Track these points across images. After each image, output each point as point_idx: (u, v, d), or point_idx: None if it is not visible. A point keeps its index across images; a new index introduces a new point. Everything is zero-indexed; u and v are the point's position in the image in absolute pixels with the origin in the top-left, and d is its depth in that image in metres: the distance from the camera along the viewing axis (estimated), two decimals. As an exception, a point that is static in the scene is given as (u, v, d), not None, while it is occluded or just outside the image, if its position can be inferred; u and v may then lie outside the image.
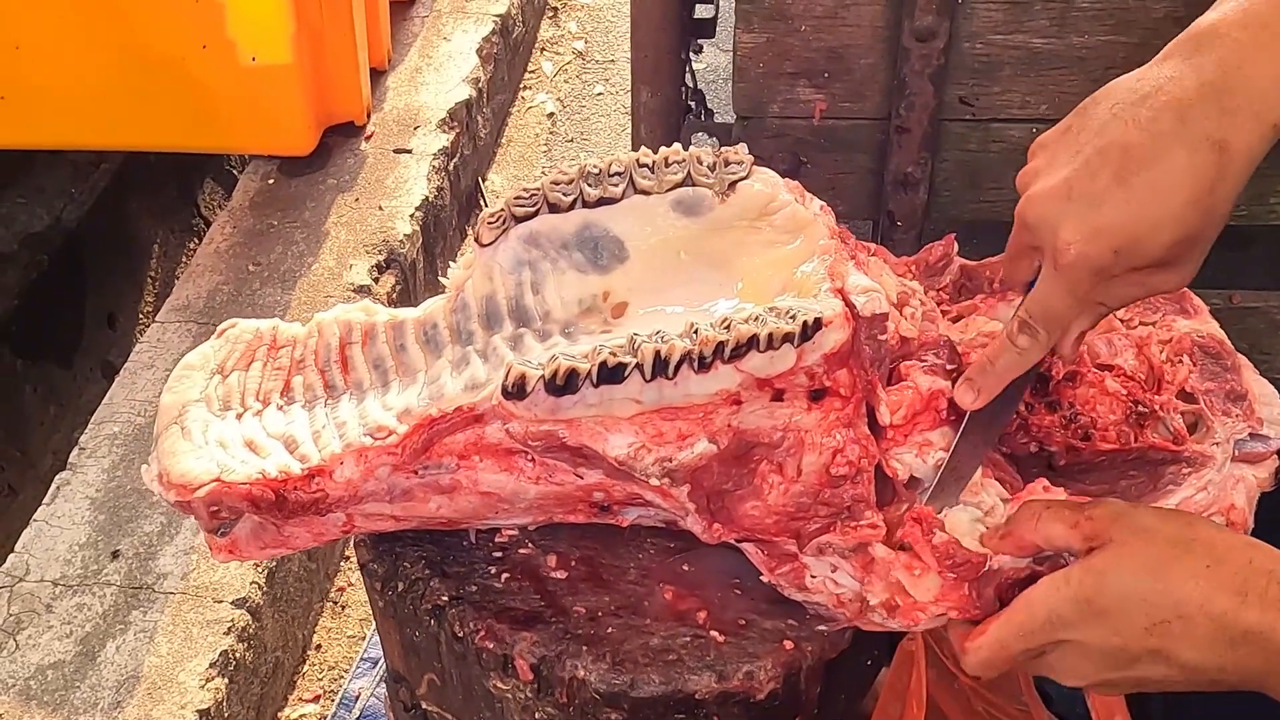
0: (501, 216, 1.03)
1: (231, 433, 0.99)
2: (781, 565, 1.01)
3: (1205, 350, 1.14)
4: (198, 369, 1.05)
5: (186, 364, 1.05)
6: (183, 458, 0.96)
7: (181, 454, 0.97)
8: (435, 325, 1.03)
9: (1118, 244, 0.86)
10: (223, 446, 0.97)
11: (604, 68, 3.65)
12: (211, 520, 0.98)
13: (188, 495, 0.95)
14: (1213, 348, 1.14)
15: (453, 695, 1.12)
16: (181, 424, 0.99)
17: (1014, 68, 1.56)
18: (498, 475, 0.98)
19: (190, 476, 0.95)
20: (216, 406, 1.01)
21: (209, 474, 0.95)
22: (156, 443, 0.99)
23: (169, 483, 0.96)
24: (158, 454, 0.98)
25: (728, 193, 1.01)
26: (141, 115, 2.51)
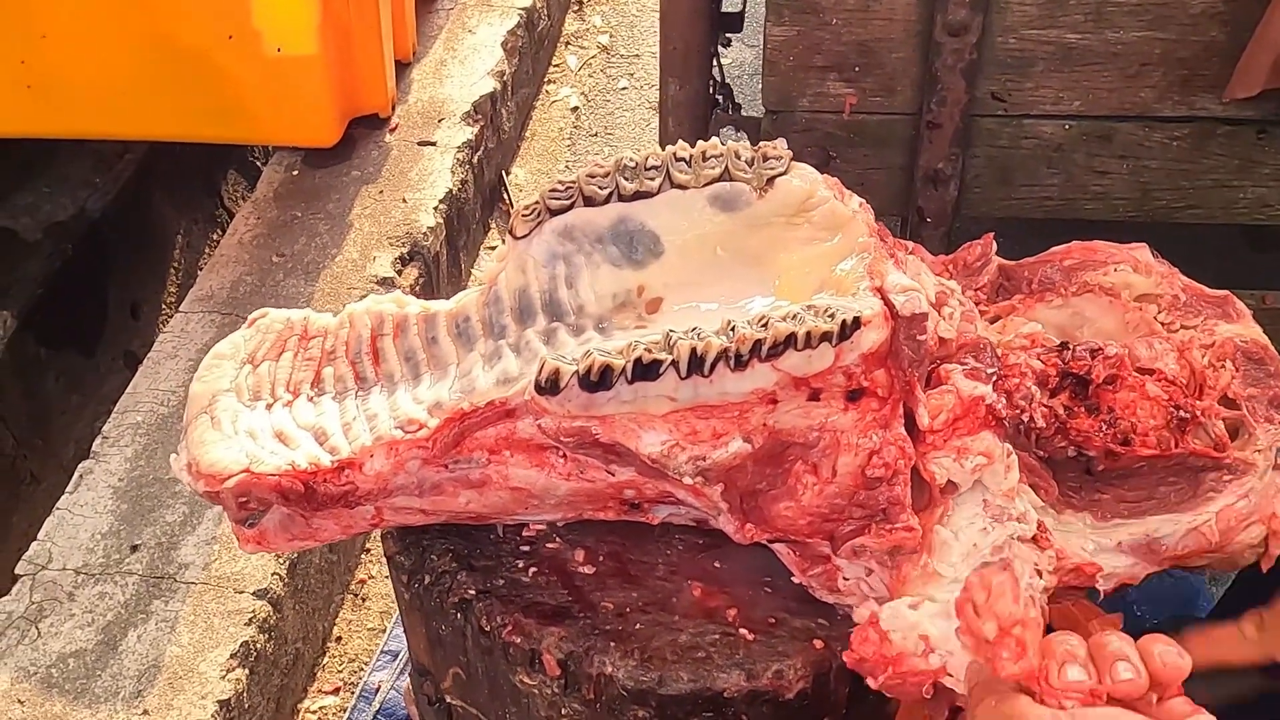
0: (536, 209, 1.02)
1: (261, 423, 0.98)
2: (814, 567, 1.00)
3: (1248, 355, 1.12)
4: (228, 358, 1.04)
5: (217, 353, 1.04)
6: (212, 447, 0.96)
7: (211, 444, 0.96)
8: (468, 318, 1.02)
9: None
10: (252, 437, 0.97)
11: (628, 62, 3.64)
12: (240, 511, 0.98)
13: (216, 485, 0.94)
14: (1256, 353, 1.12)
15: (478, 689, 1.12)
16: (211, 413, 0.99)
17: (1048, 63, 1.55)
18: (528, 471, 0.98)
19: (219, 467, 0.95)
20: (246, 396, 1.01)
21: (238, 464, 0.94)
22: (186, 432, 0.99)
23: (198, 472, 0.95)
24: (187, 443, 0.98)
25: (766, 188, 1.00)
26: (166, 105, 2.51)
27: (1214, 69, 1.54)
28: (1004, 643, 0.82)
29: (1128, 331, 1.16)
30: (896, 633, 0.87)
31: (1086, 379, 1.06)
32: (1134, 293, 1.19)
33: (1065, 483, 1.07)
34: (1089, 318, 1.18)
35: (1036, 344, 1.10)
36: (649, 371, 0.88)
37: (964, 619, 0.84)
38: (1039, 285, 1.21)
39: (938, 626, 0.86)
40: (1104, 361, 1.06)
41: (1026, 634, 0.82)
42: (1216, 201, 1.65)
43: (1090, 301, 1.19)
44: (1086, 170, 1.64)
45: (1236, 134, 1.59)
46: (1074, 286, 1.20)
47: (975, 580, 0.85)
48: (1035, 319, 1.16)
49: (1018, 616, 0.83)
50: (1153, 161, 1.62)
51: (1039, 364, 1.06)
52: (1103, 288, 1.19)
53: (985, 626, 0.83)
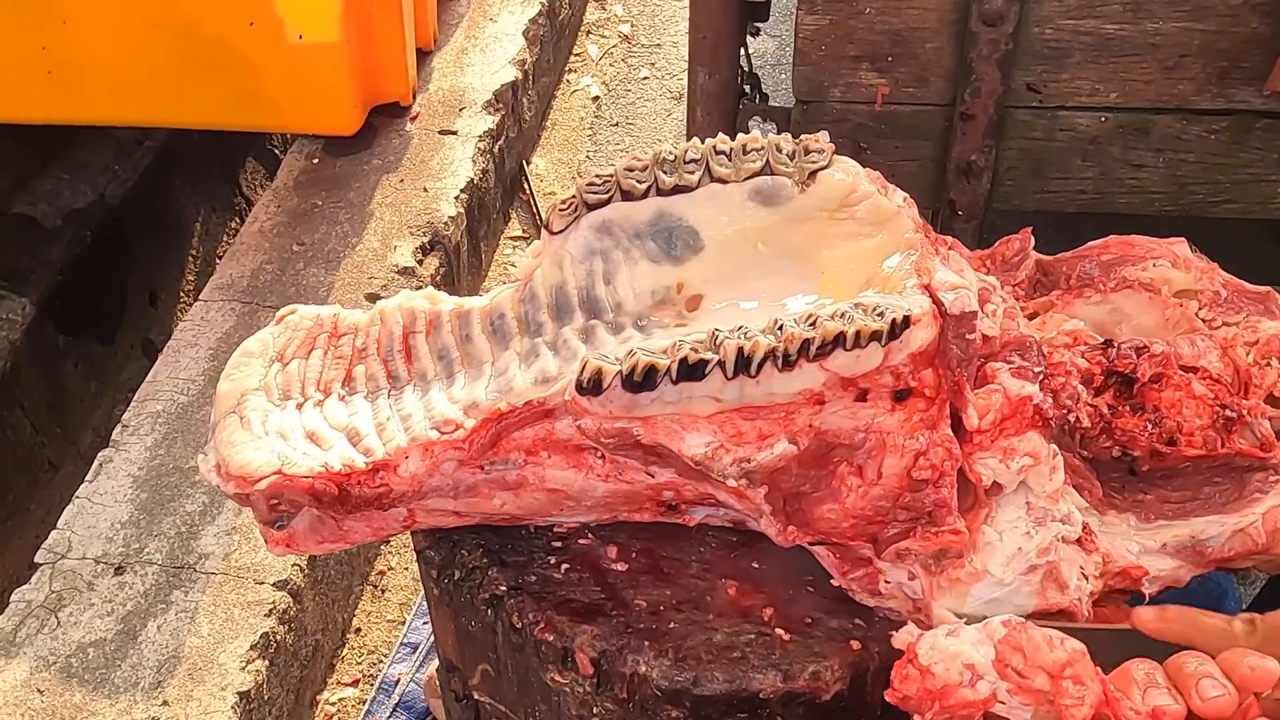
0: (573, 203, 1.00)
1: (292, 423, 0.96)
2: (855, 570, 0.98)
3: None
4: (256, 356, 1.02)
5: (245, 351, 1.02)
6: (242, 448, 0.94)
7: (241, 444, 0.94)
8: (503, 315, 1.00)
9: None
10: (283, 437, 0.95)
11: (649, 51, 3.62)
12: (270, 513, 0.96)
13: (247, 488, 0.92)
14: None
15: (507, 687, 1.10)
16: (240, 413, 0.97)
17: (1084, 54, 1.53)
18: (565, 472, 0.96)
19: (251, 468, 0.92)
20: (276, 395, 0.99)
21: (270, 466, 0.92)
22: (214, 432, 0.97)
23: (228, 474, 0.93)
24: (215, 444, 0.95)
25: (807, 182, 0.98)
26: (187, 92, 2.50)
27: (1254, 61, 1.51)
28: (1061, 689, 0.80)
29: (1168, 328, 1.14)
30: (938, 665, 0.84)
31: (1132, 378, 1.04)
32: (1173, 288, 1.17)
33: (1108, 483, 1.05)
34: (1128, 314, 1.16)
35: (1079, 341, 1.08)
36: (694, 372, 0.85)
37: (1012, 681, 0.82)
38: (1077, 281, 1.19)
39: (981, 652, 0.84)
40: (1150, 360, 1.04)
41: (1079, 669, 0.80)
42: (1254, 196, 1.62)
43: (1129, 297, 1.17)
44: (1122, 163, 1.62)
45: (1276, 127, 1.57)
46: (1112, 282, 1.18)
47: (1005, 647, 0.83)
48: (1074, 315, 1.13)
49: (1062, 660, 0.81)
50: (1190, 155, 1.59)
51: (1084, 362, 1.04)
52: (1142, 283, 1.17)
53: (1036, 681, 0.81)
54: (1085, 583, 0.94)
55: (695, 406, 0.87)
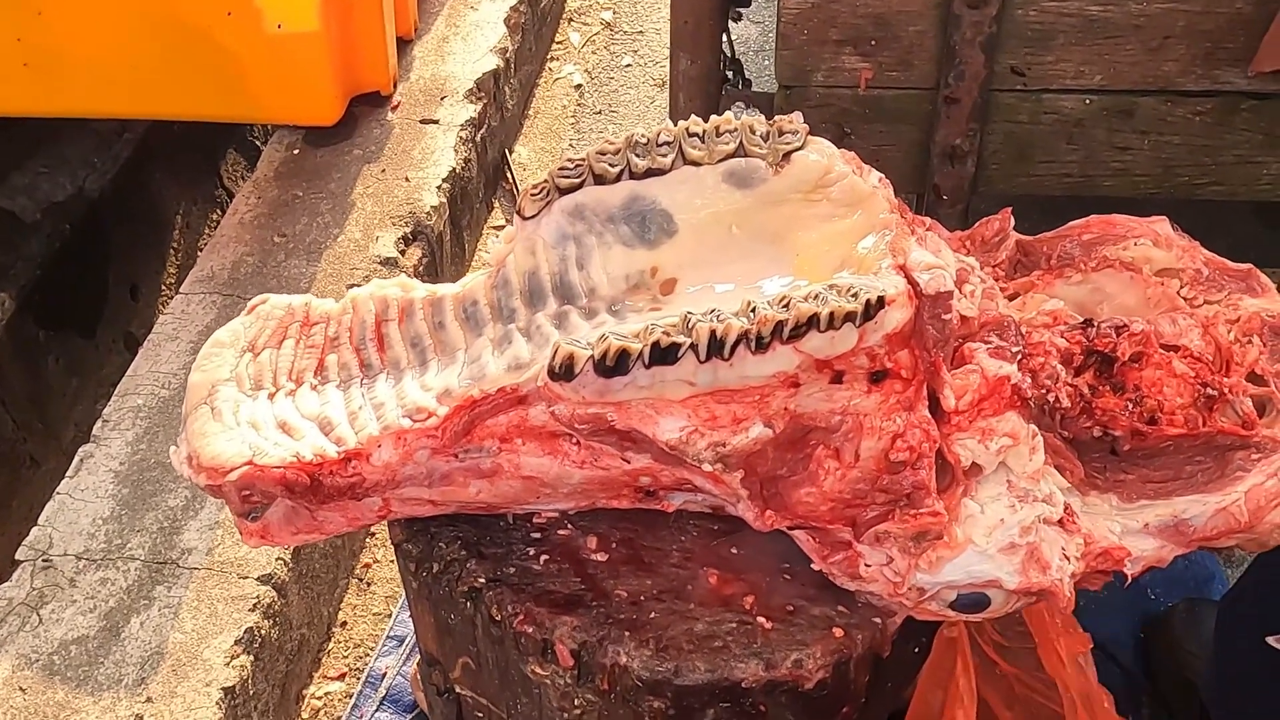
0: (545, 188, 0.98)
1: (264, 413, 0.95)
2: (835, 554, 0.97)
3: (1275, 331, 1.09)
4: (228, 346, 1.01)
5: (216, 341, 1.01)
6: (213, 439, 0.93)
7: (212, 435, 0.93)
8: (475, 302, 0.99)
9: None
10: (255, 428, 0.94)
11: (632, 39, 3.60)
12: (243, 504, 0.95)
13: (219, 479, 0.91)
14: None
15: (488, 680, 1.09)
16: (211, 404, 0.96)
17: (1068, 36, 1.51)
18: (541, 459, 0.94)
19: (222, 459, 0.91)
20: (248, 386, 0.98)
21: (241, 457, 0.91)
22: (185, 423, 0.96)
23: (199, 465, 0.92)
24: (187, 435, 0.94)
25: (782, 163, 0.97)
26: (165, 83, 2.47)
27: (1239, 42, 1.50)
28: None
29: (1149, 307, 1.13)
30: None
31: (1111, 357, 1.04)
32: (1155, 267, 1.16)
33: (1090, 463, 1.04)
34: (1109, 293, 1.16)
35: (1059, 321, 1.07)
36: (667, 355, 0.84)
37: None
38: (1058, 261, 1.18)
39: None
40: (1129, 339, 1.03)
41: None
42: (1240, 178, 1.61)
43: (1110, 277, 1.16)
44: (1107, 146, 1.60)
45: (1262, 109, 1.56)
46: (1093, 261, 1.17)
47: None
48: (1055, 295, 1.13)
49: None
50: (1175, 137, 1.58)
51: (1063, 342, 1.03)
52: (1123, 262, 1.16)
53: None
54: (1067, 564, 0.93)
55: (669, 390, 0.86)
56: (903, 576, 0.95)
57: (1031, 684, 1.44)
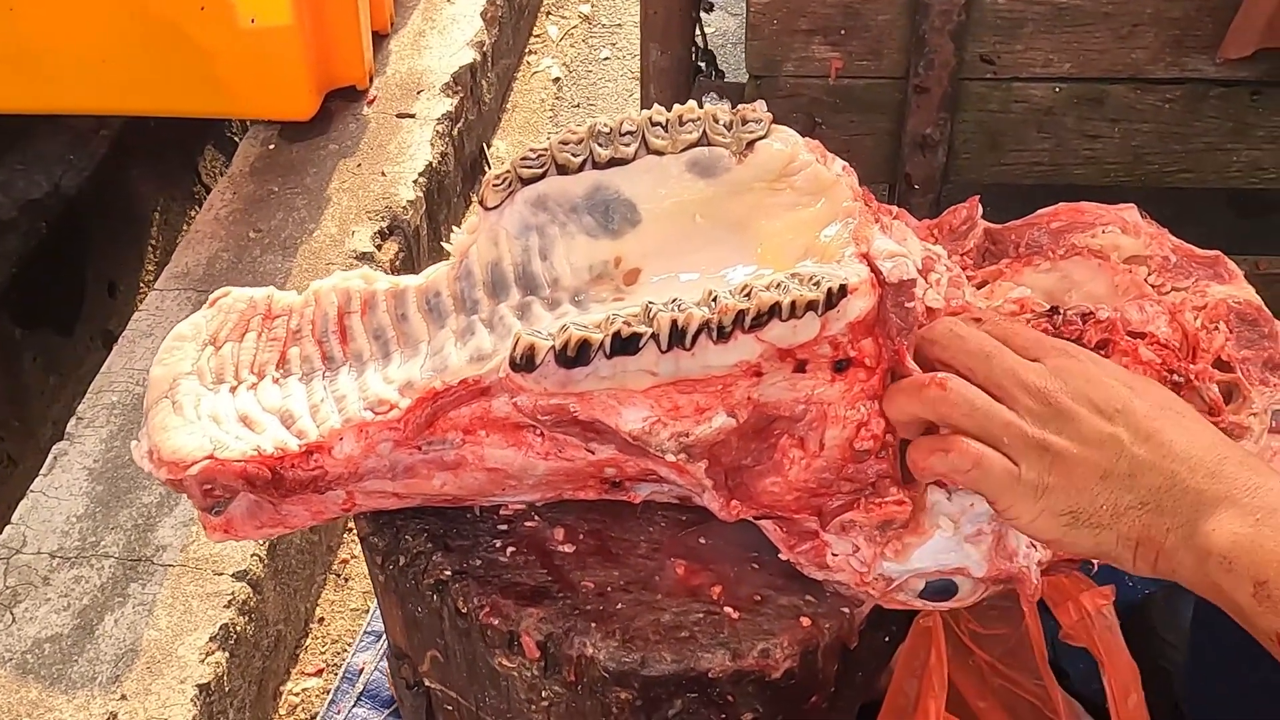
0: (507, 178, 0.98)
1: (225, 407, 0.94)
2: (801, 543, 0.97)
3: (1242, 317, 1.10)
4: (189, 340, 1.00)
5: (177, 335, 1.00)
6: (174, 433, 0.92)
7: (173, 429, 0.92)
8: (438, 293, 0.98)
9: None
10: (216, 422, 0.93)
11: (610, 32, 3.59)
12: (205, 499, 0.94)
13: (179, 473, 0.90)
14: (1249, 314, 1.10)
15: (456, 673, 1.09)
16: (173, 398, 0.95)
17: (1037, 24, 1.51)
18: (505, 451, 0.94)
19: (182, 453, 0.91)
20: (209, 379, 0.97)
21: (202, 450, 0.90)
22: (146, 417, 0.95)
23: (159, 460, 0.92)
24: (147, 429, 0.94)
25: (745, 152, 0.96)
26: (138, 79, 2.45)
27: (1207, 29, 1.50)
28: None
29: (1117, 294, 1.13)
30: None
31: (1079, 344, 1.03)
32: (1123, 254, 1.16)
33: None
34: (1078, 281, 1.15)
35: (1026, 309, 1.07)
36: (628, 345, 0.84)
37: None
38: (1026, 249, 1.18)
39: None
40: (1095, 326, 1.03)
41: None
42: (1209, 165, 1.62)
43: (1079, 264, 1.16)
44: (1077, 134, 1.61)
45: (1230, 96, 1.56)
46: (1062, 249, 1.17)
47: None
48: (1023, 283, 1.12)
49: None
50: (1144, 125, 1.59)
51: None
52: (1091, 250, 1.17)
53: None
54: (1035, 550, 0.93)
55: (630, 380, 0.86)
56: (869, 565, 0.95)
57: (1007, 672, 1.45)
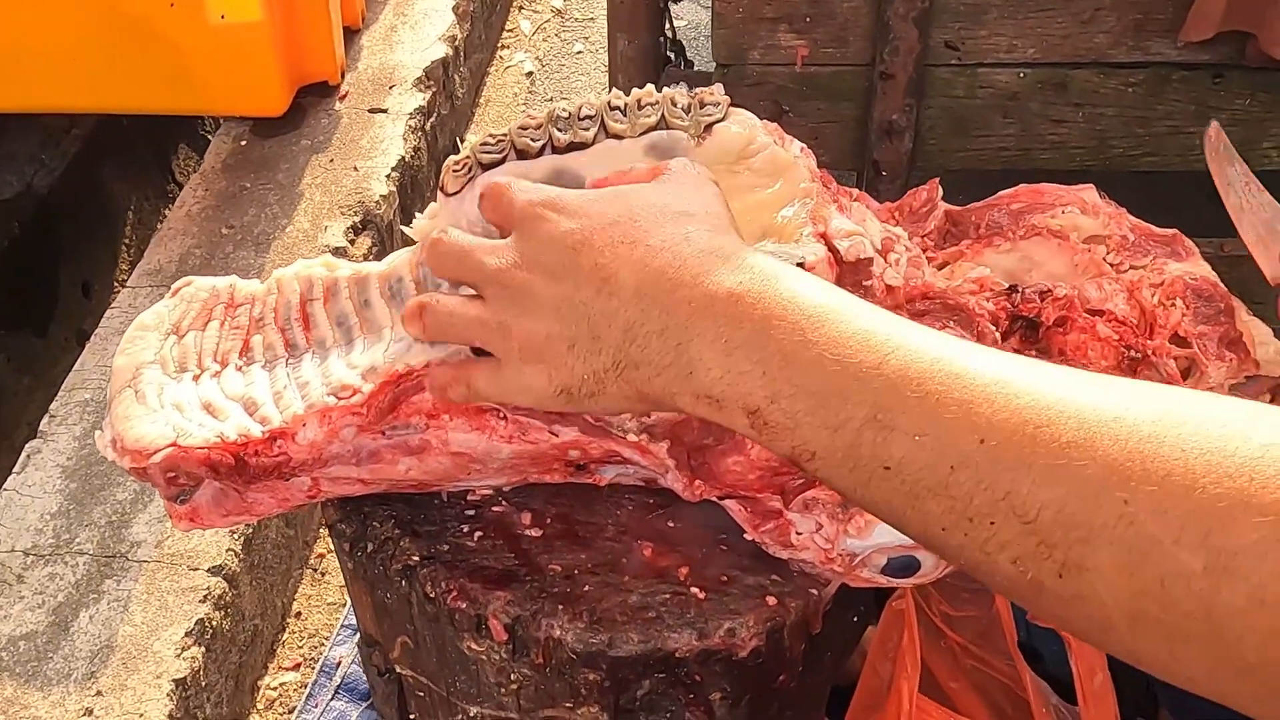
0: (467, 164, 0.98)
1: (188, 395, 0.94)
2: (766, 523, 0.97)
3: (1198, 293, 1.10)
4: (152, 329, 1.00)
5: (140, 324, 1.00)
6: (137, 422, 0.91)
7: (136, 418, 0.92)
8: (401, 279, 0.98)
9: None
10: (179, 410, 0.92)
11: (583, 25, 3.59)
12: (169, 487, 0.94)
13: (143, 461, 0.90)
14: (1206, 290, 1.10)
15: (427, 658, 1.09)
16: (135, 387, 0.94)
17: (1001, 10, 1.52)
18: (469, 435, 0.94)
19: (145, 441, 0.90)
20: (172, 368, 0.97)
21: (165, 438, 0.90)
22: (109, 407, 0.95)
23: (123, 448, 0.91)
24: (111, 419, 0.93)
25: (704, 135, 0.97)
26: (108, 77, 2.45)
27: (1168, 13, 1.51)
28: None
29: (1077, 273, 1.14)
30: None
31: (1036, 321, 1.04)
32: (1082, 234, 1.18)
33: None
34: (1038, 261, 1.16)
35: (985, 288, 1.08)
36: None
37: None
38: (986, 230, 1.19)
39: None
40: (1053, 303, 1.04)
41: None
42: (1173, 148, 1.63)
43: (1038, 245, 1.17)
44: (1042, 119, 1.62)
45: (1192, 79, 1.57)
46: (1021, 230, 1.18)
47: None
48: (984, 263, 1.13)
49: None
50: (1109, 109, 1.60)
51: (990, 306, 1.04)
52: (1051, 230, 1.17)
53: None
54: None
55: None
56: (832, 542, 0.96)
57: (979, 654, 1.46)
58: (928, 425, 0.63)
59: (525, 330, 0.76)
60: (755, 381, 0.68)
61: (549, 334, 0.75)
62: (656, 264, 0.73)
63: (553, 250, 0.76)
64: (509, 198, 0.81)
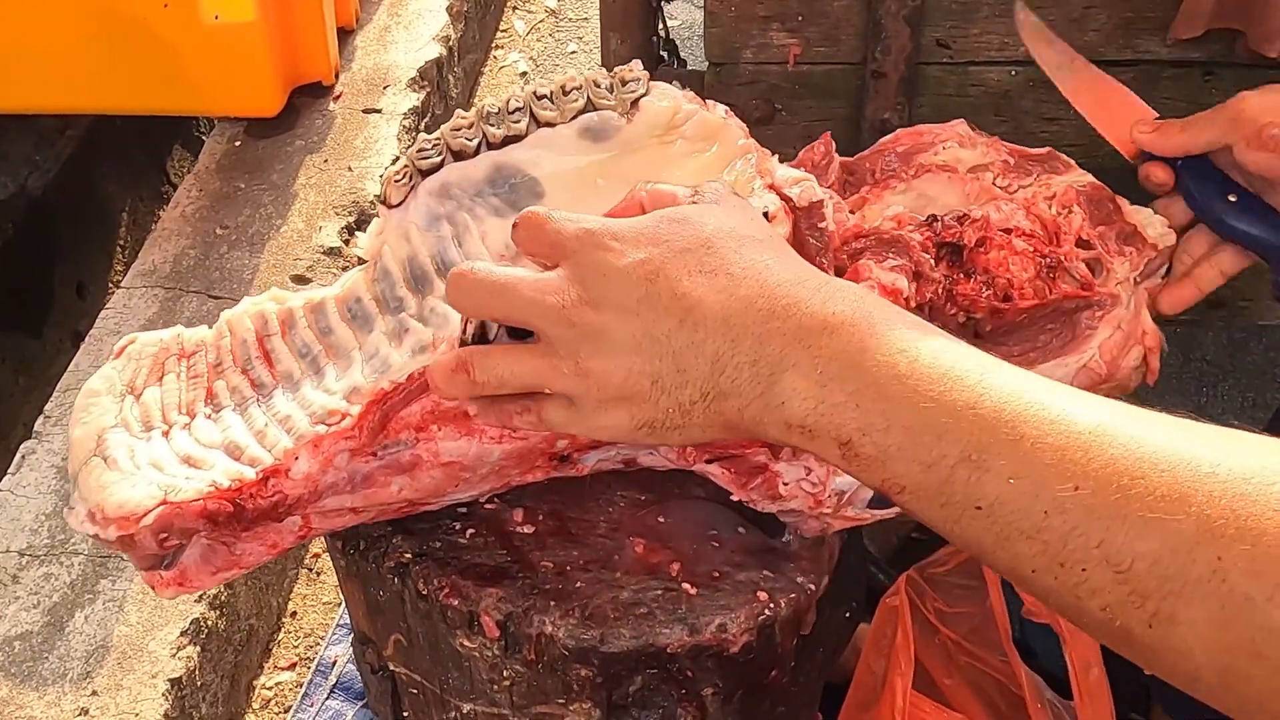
0: (407, 172, 0.98)
1: (163, 452, 0.90)
2: (752, 480, 0.98)
3: (1089, 199, 1.18)
4: (104, 394, 0.95)
5: (89, 391, 0.94)
6: (115, 488, 0.86)
7: (112, 484, 0.87)
8: (358, 299, 0.97)
9: None
10: (158, 468, 0.89)
11: (577, 25, 3.59)
12: (161, 549, 0.89)
13: (132, 526, 0.84)
14: (1095, 194, 1.18)
15: (420, 656, 1.10)
16: (103, 454, 0.89)
17: (991, 8, 1.52)
18: (458, 442, 0.94)
19: (131, 505, 0.85)
20: (137, 429, 0.92)
21: (153, 498, 0.85)
22: (76, 481, 0.89)
23: (105, 518, 0.85)
24: (82, 492, 0.87)
25: (631, 111, 0.98)
26: (102, 78, 2.45)
27: (1158, 11, 1.52)
28: None
29: (971, 202, 1.19)
30: None
31: (959, 245, 1.10)
32: (965, 166, 1.22)
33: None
34: (932, 196, 1.21)
35: (903, 224, 1.12)
36: None
37: None
38: (881, 174, 1.23)
39: None
40: (972, 225, 1.10)
41: None
42: (1165, 145, 1.63)
43: (930, 181, 1.21)
44: (1035, 117, 1.62)
45: (1183, 76, 1.57)
46: (912, 170, 1.22)
47: None
48: (890, 203, 1.18)
49: None
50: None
51: (919, 237, 1.09)
52: (938, 166, 1.22)
53: None
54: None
55: None
56: (823, 483, 0.97)
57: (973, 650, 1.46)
58: (1023, 469, 0.64)
59: (601, 370, 0.74)
60: (848, 413, 0.68)
61: (629, 371, 0.74)
62: (742, 292, 0.71)
63: (623, 283, 0.73)
64: (553, 228, 0.77)
